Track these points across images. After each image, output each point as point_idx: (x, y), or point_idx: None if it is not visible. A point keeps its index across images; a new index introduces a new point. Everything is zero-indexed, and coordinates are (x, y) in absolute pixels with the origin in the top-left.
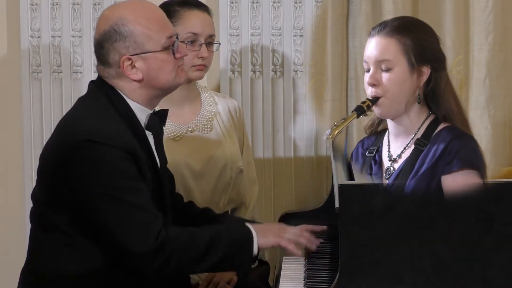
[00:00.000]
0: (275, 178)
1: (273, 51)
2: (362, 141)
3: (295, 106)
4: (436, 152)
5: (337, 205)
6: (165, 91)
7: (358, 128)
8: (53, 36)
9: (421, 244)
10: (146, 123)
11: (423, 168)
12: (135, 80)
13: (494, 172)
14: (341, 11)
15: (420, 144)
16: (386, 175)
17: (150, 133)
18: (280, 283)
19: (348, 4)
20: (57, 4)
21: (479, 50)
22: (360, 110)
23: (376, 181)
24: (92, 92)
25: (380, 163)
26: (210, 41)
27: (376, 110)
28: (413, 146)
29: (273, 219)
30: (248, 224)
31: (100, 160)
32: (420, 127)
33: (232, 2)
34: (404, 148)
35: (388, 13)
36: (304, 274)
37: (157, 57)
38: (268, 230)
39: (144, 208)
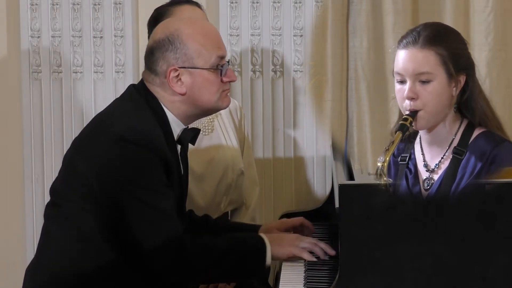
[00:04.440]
0: (275, 178)
1: (273, 51)
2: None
3: (295, 106)
4: (477, 162)
5: (337, 205)
6: (205, 111)
7: (358, 127)
8: (53, 36)
9: (421, 244)
10: (178, 135)
11: (465, 179)
12: (178, 93)
13: None
14: (341, 11)
15: (458, 153)
16: (425, 186)
17: (179, 145)
18: (280, 283)
19: (348, 4)
20: (57, 4)
21: (479, 50)
22: (405, 128)
23: (415, 193)
24: (131, 93)
25: (415, 173)
26: None
27: (413, 124)
28: (451, 156)
29: (273, 219)
30: (261, 234)
31: (135, 160)
32: (455, 135)
33: (232, 2)
34: (442, 158)
35: (388, 13)
36: (304, 274)
37: (204, 75)
38: (283, 240)
39: (169, 215)
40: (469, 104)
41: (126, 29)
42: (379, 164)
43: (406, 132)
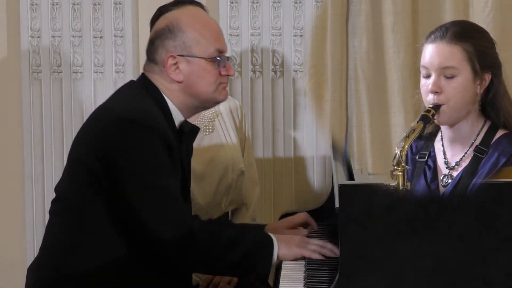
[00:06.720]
0: (275, 178)
1: (273, 51)
2: (410, 145)
3: (295, 106)
4: (499, 161)
5: (337, 205)
6: (202, 102)
7: (358, 127)
8: (53, 36)
9: (421, 244)
10: (179, 125)
11: (485, 175)
12: (175, 81)
13: None
14: (341, 11)
15: (480, 152)
16: (443, 183)
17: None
18: (280, 283)
19: (348, 4)
20: (57, 4)
21: None
22: (426, 119)
23: (433, 189)
24: (130, 84)
25: (435, 169)
26: None
27: (436, 118)
28: (472, 154)
29: (273, 219)
30: (270, 233)
31: (138, 140)
32: (478, 134)
33: (232, 2)
34: (463, 156)
35: (388, 13)
36: (304, 274)
37: (201, 64)
38: (291, 241)
39: (177, 198)
40: (494, 104)
41: (126, 29)
42: (397, 151)
43: (428, 123)
